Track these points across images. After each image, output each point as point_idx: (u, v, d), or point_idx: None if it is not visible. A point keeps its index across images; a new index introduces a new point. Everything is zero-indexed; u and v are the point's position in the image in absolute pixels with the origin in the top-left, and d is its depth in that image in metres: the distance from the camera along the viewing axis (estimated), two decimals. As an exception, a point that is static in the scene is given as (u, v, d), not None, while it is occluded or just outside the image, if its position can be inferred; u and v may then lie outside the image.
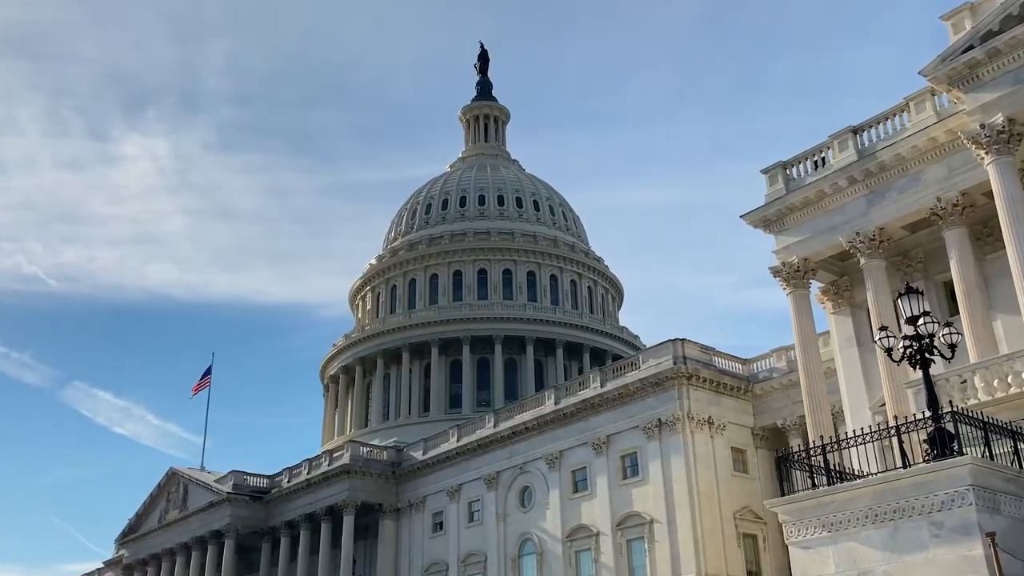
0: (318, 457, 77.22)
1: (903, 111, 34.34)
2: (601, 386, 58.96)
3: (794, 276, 36.57)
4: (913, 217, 33.81)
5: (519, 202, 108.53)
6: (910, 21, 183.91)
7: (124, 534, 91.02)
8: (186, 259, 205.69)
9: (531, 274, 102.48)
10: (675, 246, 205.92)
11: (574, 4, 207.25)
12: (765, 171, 38.51)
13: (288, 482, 77.11)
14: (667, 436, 54.33)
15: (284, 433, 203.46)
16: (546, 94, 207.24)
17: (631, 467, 56.39)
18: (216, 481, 79.98)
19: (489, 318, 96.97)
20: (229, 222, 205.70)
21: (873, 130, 35.38)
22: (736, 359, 58.01)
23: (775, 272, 37.19)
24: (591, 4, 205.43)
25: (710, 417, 54.63)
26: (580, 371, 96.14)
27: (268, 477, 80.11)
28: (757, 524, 54.32)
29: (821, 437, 23.92)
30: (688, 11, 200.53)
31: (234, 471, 78.94)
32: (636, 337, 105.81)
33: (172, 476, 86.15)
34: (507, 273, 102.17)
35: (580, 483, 59.24)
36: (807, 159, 37.41)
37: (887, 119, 35.00)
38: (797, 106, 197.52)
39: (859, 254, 34.57)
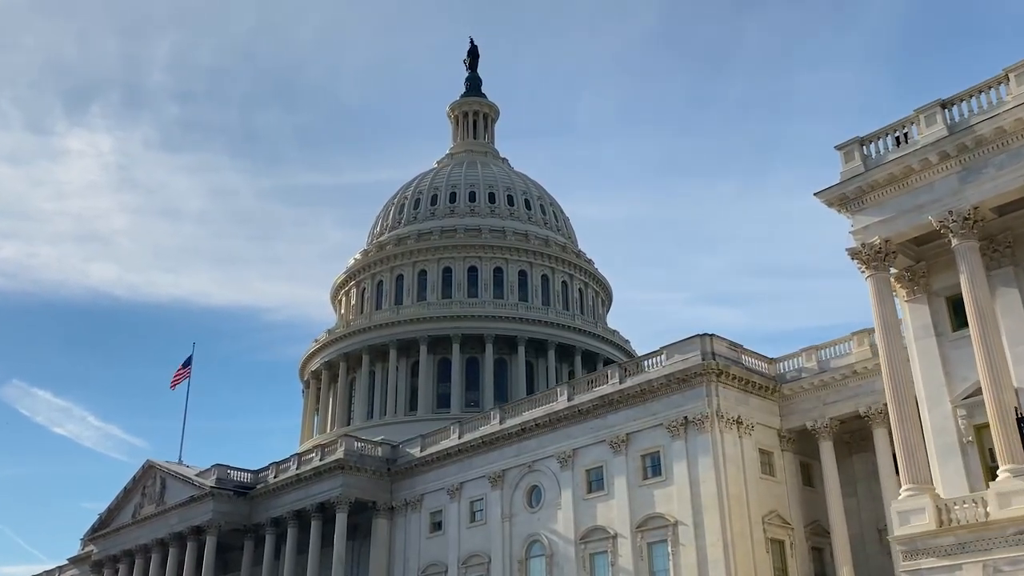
0: (308, 452, 73.66)
1: (1001, 83, 32.32)
2: (620, 382, 56.36)
3: (875, 258, 34.29)
4: (1013, 196, 31.73)
5: (510, 200, 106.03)
6: (862, 45, 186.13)
7: (94, 529, 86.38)
8: (128, 258, 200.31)
9: (522, 273, 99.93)
10: (624, 261, 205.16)
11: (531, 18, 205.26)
12: (840, 147, 36.30)
13: (275, 477, 73.42)
14: (694, 435, 51.85)
15: (235, 436, 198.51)
16: (522, 96, 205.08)
17: (653, 467, 53.80)
18: (198, 475, 76.03)
19: (480, 316, 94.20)
20: (172, 222, 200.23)
21: (965, 104, 33.31)
22: (763, 358, 55.81)
23: (853, 254, 34.90)
24: (548, 16, 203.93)
25: (739, 416, 52.29)
26: (571, 374, 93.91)
27: (253, 472, 76.30)
28: (784, 529, 52.07)
29: None
30: (641, 27, 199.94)
31: (217, 465, 75.05)
32: (627, 342, 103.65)
33: (148, 469, 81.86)
34: (498, 272, 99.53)
35: (595, 483, 56.52)
36: (888, 135, 35.26)
37: (980, 92, 32.96)
38: (746, 125, 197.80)
39: (951, 235, 32.40)
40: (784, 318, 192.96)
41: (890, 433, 49.93)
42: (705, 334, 53.21)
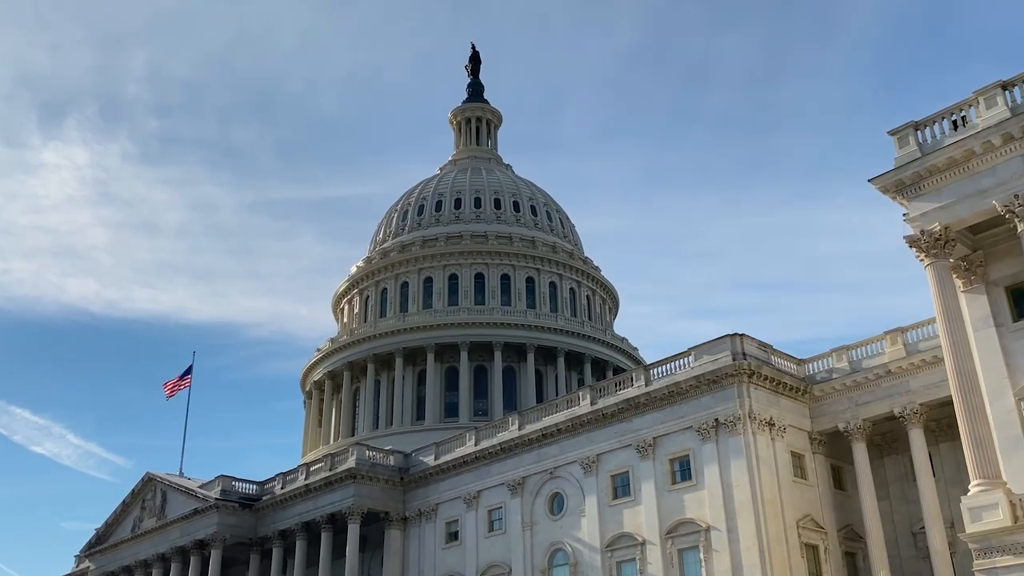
0: (316, 462, 71.70)
1: (1068, 62, 31.03)
2: (646, 384, 54.76)
3: (934, 246, 32.94)
4: (1083, 177, 30.44)
5: (516, 206, 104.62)
6: (843, 58, 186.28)
7: (90, 545, 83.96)
8: (106, 274, 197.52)
9: (530, 280, 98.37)
10: (609, 275, 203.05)
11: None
12: (894, 132, 34.98)
13: (282, 488, 71.37)
14: (725, 437, 50.25)
15: (221, 453, 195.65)
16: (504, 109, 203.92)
17: (682, 471, 52.16)
18: (201, 487, 73.88)
19: (488, 323, 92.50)
20: (151, 236, 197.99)
21: (1027, 85, 32.03)
22: (791, 359, 54.32)
23: (911, 242, 33.52)
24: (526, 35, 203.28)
25: (771, 418, 50.74)
26: (581, 382, 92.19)
27: (258, 484, 74.21)
28: (818, 534, 50.46)
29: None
30: (623, 42, 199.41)
31: (221, 476, 72.96)
32: (636, 349, 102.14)
33: (148, 482, 79.62)
34: (505, 278, 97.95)
35: (621, 488, 54.83)
36: (944, 118, 34.02)
37: (1044, 72, 31.72)
38: (730, 139, 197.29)
39: (1016, 219, 31.04)
40: (771, 331, 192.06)
41: (926, 432, 49.20)
42: (735, 334, 51.71)
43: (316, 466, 70.41)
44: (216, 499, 71.09)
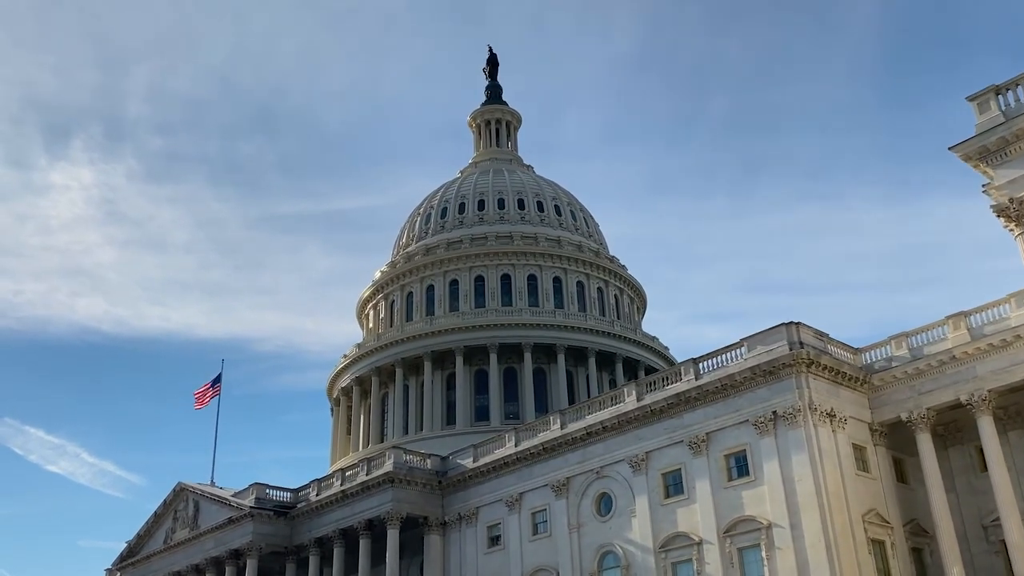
0: (352, 467, 69.98)
1: None
2: (696, 378, 52.89)
3: (1025, 214, 31.10)
4: None
5: (540, 206, 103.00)
6: (845, 59, 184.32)
7: (122, 558, 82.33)
8: (115, 292, 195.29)
9: (557, 280, 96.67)
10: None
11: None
12: (973, 98, 33.22)
13: (317, 495, 69.64)
14: (784, 431, 48.32)
15: (239, 468, 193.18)
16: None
17: (738, 467, 50.22)
18: (234, 495, 72.20)
19: (517, 324, 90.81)
20: (159, 254, 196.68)
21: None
22: (848, 348, 52.37)
23: (999, 211, 31.76)
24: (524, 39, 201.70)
25: (831, 409, 48.81)
26: (612, 383, 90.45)
27: (292, 491, 72.53)
28: (884, 529, 48.48)
29: None
30: (623, 45, 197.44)
31: (256, 484, 71.29)
32: (666, 348, 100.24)
33: (180, 492, 78.01)
34: (532, 279, 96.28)
35: (673, 487, 52.91)
36: (1029, 81, 32.16)
37: None
38: (733, 143, 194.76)
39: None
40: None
41: (996, 420, 47.21)
42: (792, 322, 49.82)
43: (351, 471, 68.69)
44: (251, 507, 69.42)
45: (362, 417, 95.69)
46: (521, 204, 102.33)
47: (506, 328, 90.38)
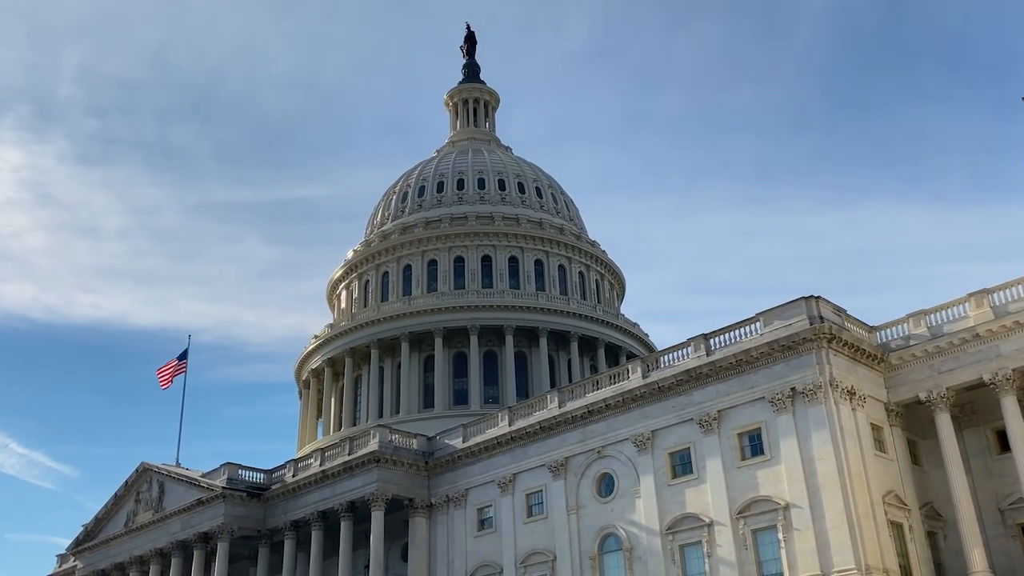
0: (333, 446, 66.75)
1: None
2: (707, 354, 50.70)
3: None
4: None
5: (521, 187, 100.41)
6: (794, 60, 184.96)
7: (78, 542, 78.06)
8: (45, 278, 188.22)
9: (539, 263, 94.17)
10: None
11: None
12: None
13: (294, 476, 66.30)
14: (803, 408, 46.30)
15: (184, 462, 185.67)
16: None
17: (752, 445, 48.11)
18: (204, 476, 68.50)
19: (498, 307, 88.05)
20: (92, 240, 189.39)
21: None
22: (863, 325, 50.57)
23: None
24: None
25: (851, 387, 46.96)
26: (594, 368, 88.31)
27: (266, 472, 69.09)
28: (903, 511, 46.74)
29: None
30: (573, 42, 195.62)
31: (228, 463, 67.67)
32: (647, 335, 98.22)
33: (143, 472, 73.97)
34: (513, 261, 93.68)
35: (681, 466, 50.68)
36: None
37: None
38: (681, 142, 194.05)
39: None
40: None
41: (1020, 400, 45.72)
42: (811, 296, 47.84)
43: (332, 451, 65.45)
44: (223, 488, 65.81)
45: (333, 400, 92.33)
46: (502, 184, 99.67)
47: (487, 310, 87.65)
